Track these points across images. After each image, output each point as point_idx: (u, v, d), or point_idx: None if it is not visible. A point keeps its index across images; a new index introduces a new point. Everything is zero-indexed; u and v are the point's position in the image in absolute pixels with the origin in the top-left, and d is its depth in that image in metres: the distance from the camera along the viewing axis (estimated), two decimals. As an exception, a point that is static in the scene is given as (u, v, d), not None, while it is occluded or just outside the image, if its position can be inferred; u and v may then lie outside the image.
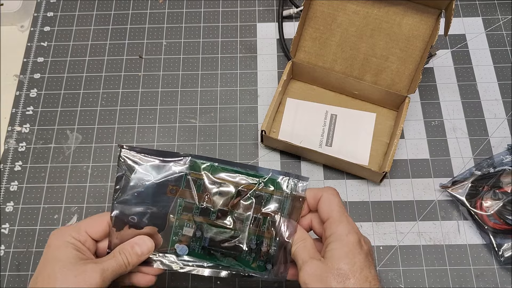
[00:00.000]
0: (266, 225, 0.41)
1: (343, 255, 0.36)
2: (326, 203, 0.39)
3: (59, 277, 0.35)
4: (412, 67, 0.52)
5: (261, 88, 0.59)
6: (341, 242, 0.37)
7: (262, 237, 0.41)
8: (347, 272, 0.35)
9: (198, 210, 0.41)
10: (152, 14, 0.64)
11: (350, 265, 0.36)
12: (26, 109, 0.58)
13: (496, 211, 0.48)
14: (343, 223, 0.38)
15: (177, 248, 0.41)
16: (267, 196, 0.41)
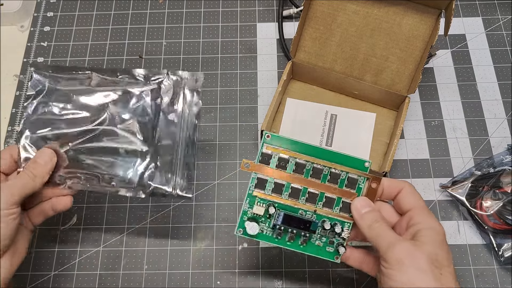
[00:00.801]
0: (340, 205, 0.41)
1: (440, 242, 0.36)
2: (411, 193, 0.40)
3: None
4: (412, 67, 0.52)
5: (261, 88, 0.59)
6: (435, 230, 0.36)
7: (335, 219, 0.41)
8: (443, 259, 0.35)
9: (271, 188, 0.41)
10: (152, 14, 0.64)
11: (447, 254, 0.35)
12: (26, 109, 0.58)
13: (496, 211, 0.48)
14: (431, 215, 0.38)
15: (247, 226, 0.40)
16: (343, 174, 0.41)
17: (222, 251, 0.50)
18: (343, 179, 0.41)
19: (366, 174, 0.41)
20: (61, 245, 0.51)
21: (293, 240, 0.41)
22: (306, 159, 0.40)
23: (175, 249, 0.50)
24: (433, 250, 0.35)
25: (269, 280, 0.49)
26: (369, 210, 0.39)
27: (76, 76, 0.46)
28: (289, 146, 0.40)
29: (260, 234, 0.41)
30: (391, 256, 0.35)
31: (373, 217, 0.39)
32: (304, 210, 0.41)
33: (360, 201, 0.40)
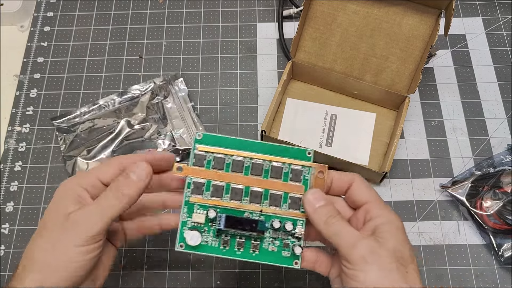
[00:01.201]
0: (288, 201, 0.37)
1: (402, 238, 0.34)
2: (364, 186, 0.37)
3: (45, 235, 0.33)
4: (412, 67, 0.52)
5: (261, 88, 0.59)
6: (394, 224, 0.34)
7: (285, 218, 0.37)
8: (407, 256, 0.33)
9: (209, 192, 0.37)
10: (152, 14, 0.64)
11: (410, 250, 0.33)
12: (26, 109, 0.58)
13: (496, 211, 0.48)
14: (388, 207, 0.36)
15: (187, 236, 0.36)
16: (286, 166, 0.37)
17: (222, 251, 0.50)
18: (286, 172, 0.37)
19: (310, 164, 0.37)
20: (61, 245, 0.51)
21: (243, 247, 0.37)
22: (244, 155, 0.37)
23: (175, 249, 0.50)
24: (397, 246, 0.33)
25: (269, 280, 0.49)
26: (323, 203, 0.35)
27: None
28: (224, 144, 0.37)
29: (205, 245, 0.37)
30: (354, 255, 0.32)
31: (328, 212, 0.35)
32: (250, 211, 0.37)
33: (313, 194, 0.36)
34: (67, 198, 0.34)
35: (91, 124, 0.56)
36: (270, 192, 0.37)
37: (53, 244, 0.33)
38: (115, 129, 0.55)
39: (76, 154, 0.54)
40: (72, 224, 0.33)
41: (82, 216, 0.33)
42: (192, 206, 0.37)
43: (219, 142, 0.37)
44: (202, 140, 0.37)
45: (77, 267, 0.32)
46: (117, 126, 0.55)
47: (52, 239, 0.33)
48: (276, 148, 0.37)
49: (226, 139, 0.37)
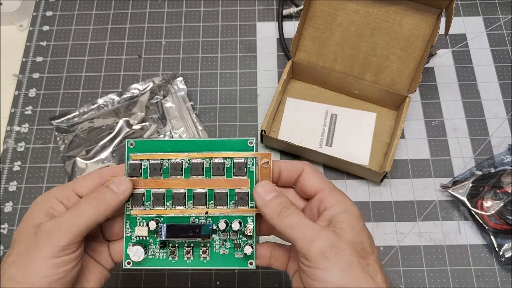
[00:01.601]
0: (235, 198, 0.35)
1: (360, 227, 0.32)
2: (314, 174, 0.34)
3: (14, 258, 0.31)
4: (412, 66, 0.52)
5: (261, 88, 0.58)
6: (350, 214, 0.32)
7: (234, 217, 0.35)
8: (368, 247, 0.31)
9: (150, 201, 0.35)
10: (151, 13, 0.63)
11: (369, 239, 0.32)
12: (25, 108, 0.58)
13: (496, 211, 0.48)
14: (342, 194, 0.33)
15: (130, 252, 0.34)
16: (228, 161, 0.35)
17: (221, 251, 0.50)
18: (229, 167, 0.35)
19: (253, 154, 0.35)
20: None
21: (192, 255, 0.35)
22: (182, 156, 0.35)
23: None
24: (356, 238, 0.31)
25: (268, 280, 0.49)
26: (274, 195, 0.33)
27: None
28: (159, 148, 0.35)
29: (152, 259, 0.35)
30: (312, 251, 0.30)
31: (281, 203, 0.32)
32: (195, 216, 0.35)
33: (262, 187, 0.33)
34: (39, 210, 0.32)
35: (90, 124, 0.55)
36: (215, 191, 0.35)
37: (22, 258, 0.30)
38: (114, 129, 0.55)
39: (75, 154, 0.54)
40: (42, 235, 0.30)
41: (52, 226, 0.31)
42: (134, 219, 0.35)
43: (153, 147, 0.35)
44: (136, 148, 0.35)
45: (49, 282, 0.30)
46: (116, 126, 0.55)
47: (20, 253, 0.31)
48: (214, 143, 0.35)
49: (160, 143, 0.35)
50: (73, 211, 0.32)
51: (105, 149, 0.54)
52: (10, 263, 0.31)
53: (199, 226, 0.34)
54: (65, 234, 0.30)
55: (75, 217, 0.31)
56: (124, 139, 0.54)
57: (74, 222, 0.31)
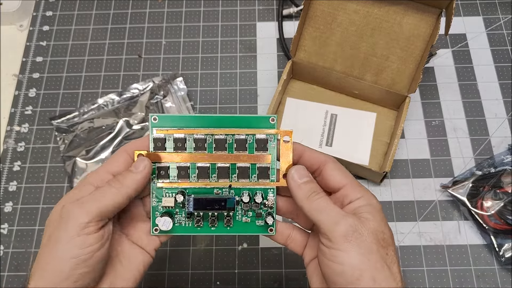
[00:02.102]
0: (256, 172, 0.36)
1: (382, 219, 0.33)
2: (339, 169, 0.35)
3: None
4: (412, 66, 0.52)
5: (261, 88, 0.58)
6: (373, 206, 0.33)
7: (256, 189, 0.36)
8: (389, 238, 0.32)
9: (175, 174, 0.36)
10: (151, 13, 0.63)
11: (390, 231, 0.33)
12: (25, 108, 0.58)
13: (497, 211, 0.48)
14: (365, 189, 0.35)
15: (159, 222, 0.36)
16: (250, 137, 0.36)
17: (221, 251, 0.50)
18: (251, 143, 0.36)
19: (275, 131, 0.36)
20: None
21: (216, 224, 0.37)
22: (205, 132, 0.36)
23: (174, 250, 0.50)
24: (378, 227, 0.32)
25: (269, 280, 0.49)
26: (307, 180, 0.35)
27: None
28: (182, 124, 0.36)
29: (178, 227, 0.37)
30: (336, 232, 0.31)
31: (312, 188, 0.34)
32: (219, 188, 0.36)
33: (297, 170, 0.35)
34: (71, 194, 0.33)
35: (90, 124, 0.55)
36: (237, 165, 0.36)
37: (50, 240, 0.31)
38: (114, 129, 0.55)
39: (75, 154, 0.54)
40: (65, 215, 0.31)
41: (73, 206, 0.31)
42: (160, 191, 0.36)
43: (176, 122, 0.36)
44: (159, 123, 0.36)
45: (76, 264, 0.30)
46: (116, 126, 0.55)
47: (49, 236, 0.31)
48: (237, 119, 0.36)
49: (183, 118, 0.36)
50: (95, 192, 0.33)
51: (105, 149, 0.54)
52: (42, 246, 0.32)
53: (224, 200, 0.36)
54: (85, 212, 0.31)
55: (97, 197, 0.32)
56: (124, 139, 0.54)
57: (95, 202, 0.31)
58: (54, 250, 0.30)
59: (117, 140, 0.54)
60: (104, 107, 0.57)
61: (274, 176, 0.36)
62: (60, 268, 0.30)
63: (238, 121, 0.36)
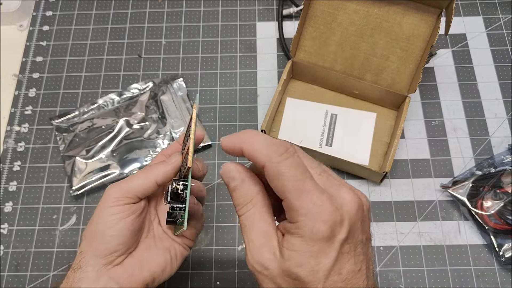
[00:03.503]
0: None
1: (304, 258, 0.27)
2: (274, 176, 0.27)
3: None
4: (412, 66, 0.52)
5: (261, 88, 0.58)
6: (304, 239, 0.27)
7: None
8: (303, 282, 0.27)
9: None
10: (151, 13, 0.63)
11: (311, 274, 0.27)
12: (25, 108, 0.58)
13: (496, 211, 0.48)
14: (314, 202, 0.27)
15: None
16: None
17: (221, 251, 0.50)
18: None
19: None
20: (60, 245, 0.51)
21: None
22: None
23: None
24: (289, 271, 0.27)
25: (269, 280, 0.48)
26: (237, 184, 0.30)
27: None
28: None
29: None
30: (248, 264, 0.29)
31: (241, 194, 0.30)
32: None
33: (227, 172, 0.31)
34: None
35: (90, 124, 0.55)
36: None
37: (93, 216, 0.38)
38: (114, 128, 0.55)
39: (75, 153, 0.54)
40: (105, 193, 0.38)
41: (111, 187, 0.38)
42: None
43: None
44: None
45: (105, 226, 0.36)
46: (116, 125, 0.55)
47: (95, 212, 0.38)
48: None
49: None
50: (130, 176, 0.39)
51: (105, 148, 0.54)
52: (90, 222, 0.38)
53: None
54: (117, 190, 0.37)
55: (129, 179, 0.38)
56: (123, 139, 0.54)
57: (126, 183, 0.38)
58: (92, 218, 0.38)
59: (117, 139, 0.54)
60: (104, 107, 0.57)
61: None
62: (94, 229, 0.37)
63: None
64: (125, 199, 0.37)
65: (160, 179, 0.38)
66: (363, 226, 0.28)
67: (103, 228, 0.36)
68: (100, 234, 0.36)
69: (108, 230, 0.36)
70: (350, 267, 0.27)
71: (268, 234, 0.29)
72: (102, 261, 0.36)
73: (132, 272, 0.37)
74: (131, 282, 0.37)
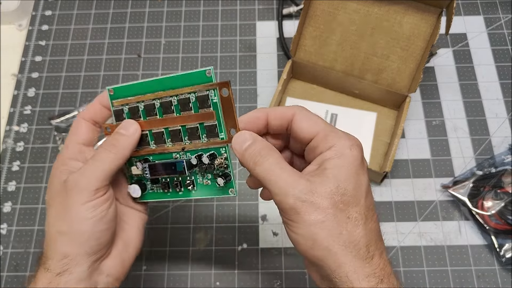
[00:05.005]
0: (205, 132, 0.35)
1: (346, 176, 0.29)
2: (306, 119, 0.31)
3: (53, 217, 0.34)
4: (413, 66, 0.52)
5: (260, 88, 0.58)
6: (345, 158, 0.29)
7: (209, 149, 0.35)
8: (349, 197, 0.29)
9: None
10: (151, 13, 0.63)
11: (355, 190, 0.29)
12: (24, 108, 0.58)
13: (497, 211, 0.48)
14: (341, 135, 0.31)
15: (130, 190, 0.37)
16: (192, 96, 0.34)
17: (221, 251, 0.50)
18: (194, 102, 0.34)
19: (212, 85, 0.34)
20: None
21: (182, 188, 0.37)
22: (152, 97, 0.35)
23: (174, 250, 0.50)
24: (338, 187, 0.28)
25: (269, 280, 0.48)
26: (250, 143, 0.31)
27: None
28: (136, 91, 0.36)
29: (152, 193, 0.38)
30: (284, 205, 0.29)
31: (256, 150, 0.31)
32: (175, 152, 0.36)
33: (238, 137, 0.32)
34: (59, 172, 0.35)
35: None
36: (187, 127, 0.35)
37: (61, 212, 0.33)
38: None
39: None
40: (71, 185, 0.33)
41: (77, 176, 0.33)
42: (131, 160, 0.37)
43: (130, 91, 0.36)
44: (116, 95, 0.37)
45: (94, 222, 0.33)
46: None
47: (58, 209, 0.33)
48: (177, 78, 0.34)
49: (135, 86, 0.36)
50: (94, 159, 0.34)
51: None
52: (52, 221, 0.34)
53: (174, 163, 0.35)
54: (93, 179, 0.33)
55: (98, 164, 0.34)
56: None
57: (98, 168, 0.33)
58: (70, 216, 0.33)
59: None
60: None
61: (223, 133, 0.34)
62: (82, 229, 0.32)
63: (178, 80, 0.35)
64: (105, 188, 0.34)
65: (128, 155, 0.35)
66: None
67: (91, 226, 0.33)
68: (90, 232, 0.33)
69: (98, 225, 0.33)
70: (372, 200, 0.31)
71: (296, 172, 0.30)
72: (92, 258, 0.33)
73: (122, 257, 0.35)
74: (125, 267, 0.36)
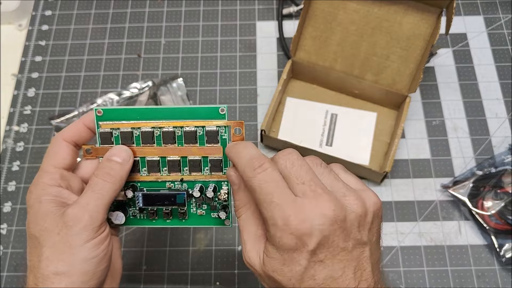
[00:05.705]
0: (209, 165, 0.35)
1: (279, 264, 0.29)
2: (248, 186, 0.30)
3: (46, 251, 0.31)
4: (413, 66, 0.52)
5: (260, 87, 0.58)
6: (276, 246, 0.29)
7: (209, 182, 0.35)
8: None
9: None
10: (150, 13, 0.63)
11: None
12: (24, 108, 0.58)
13: (497, 211, 0.48)
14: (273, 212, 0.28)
15: (112, 217, 0.35)
16: (200, 129, 0.35)
17: (221, 251, 0.50)
18: (201, 135, 0.35)
19: (225, 123, 0.34)
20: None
21: (170, 216, 0.36)
22: (153, 125, 0.34)
23: (174, 250, 0.50)
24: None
25: (269, 281, 0.48)
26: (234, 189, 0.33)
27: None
28: (128, 117, 0.35)
29: (133, 219, 0.36)
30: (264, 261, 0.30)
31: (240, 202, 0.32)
32: (171, 181, 0.35)
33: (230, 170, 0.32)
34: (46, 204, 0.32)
35: None
36: (188, 158, 0.35)
37: (60, 249, 0.30)
38: None
39: None
40: (72, 221, 0.30)
41: (78, 211, 0.31)
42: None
43: (123, 116, 0.35)
44: (104, 117, 0.35)
45: (97, 263, 0.31)
46: None
47: (56, 246, 0.30)
48: (185, 111, 0.34)
49: (129, 111, 0.35)
50: (94, 190, 0.32)
51: None
52: (47, 260, 0.30)
53: (174, 195, 0.35)
54: (95, 214, 0.31)
55: (99, 196, 0.32)
56: None
57: (99, 202, 0.32)
58: (71, 256, 0.30)
59: None
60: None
61: (227, 168, 0.35)
62: (85, 269, 0.30)
63: (186, 112, 0.34)
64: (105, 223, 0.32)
65: (123, 184, 0.34)
66: (347, 233, 0.28)
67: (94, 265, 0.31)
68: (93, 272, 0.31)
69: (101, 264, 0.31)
70: (326, 273, 0.28)
71: (257, 237, 0.31)
72: None
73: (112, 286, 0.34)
74: None
